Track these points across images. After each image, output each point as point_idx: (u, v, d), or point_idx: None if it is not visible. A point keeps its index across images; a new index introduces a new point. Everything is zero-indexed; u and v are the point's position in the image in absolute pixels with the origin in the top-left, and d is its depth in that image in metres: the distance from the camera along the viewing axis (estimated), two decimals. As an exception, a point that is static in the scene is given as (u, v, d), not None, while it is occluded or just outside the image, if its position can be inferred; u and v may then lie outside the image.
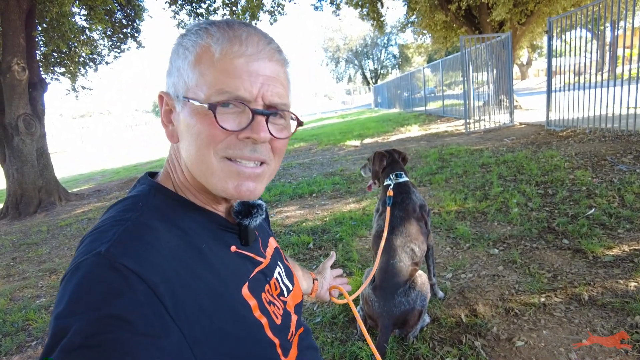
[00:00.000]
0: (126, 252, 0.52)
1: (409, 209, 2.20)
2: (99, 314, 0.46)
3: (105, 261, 0.50)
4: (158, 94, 0.68)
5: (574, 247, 2.85)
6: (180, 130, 0.65)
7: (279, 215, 4.75)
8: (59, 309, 0.48)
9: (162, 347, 0.48)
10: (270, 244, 0.87)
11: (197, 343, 0.54)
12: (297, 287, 0.91)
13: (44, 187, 7.76)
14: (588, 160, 4.80)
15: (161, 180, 0.71)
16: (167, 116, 0.68)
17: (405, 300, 1.94)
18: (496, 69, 9.47)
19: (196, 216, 0.67)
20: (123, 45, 11.30)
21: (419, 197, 2.31)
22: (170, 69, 0.66)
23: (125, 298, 0.48)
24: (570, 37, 6.90)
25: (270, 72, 0.63)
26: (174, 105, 0.66)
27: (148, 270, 0.52)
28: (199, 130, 0.61)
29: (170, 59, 0.66)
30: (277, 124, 0.67)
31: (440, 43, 15.12)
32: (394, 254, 2.06)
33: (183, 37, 0.65)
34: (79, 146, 35.31)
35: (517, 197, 3.94)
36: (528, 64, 35.09)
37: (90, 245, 0.54)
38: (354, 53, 45.60)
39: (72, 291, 0.48)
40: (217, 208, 0.73)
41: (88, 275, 0.49)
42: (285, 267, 0.90)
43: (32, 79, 7.54)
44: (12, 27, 6.92)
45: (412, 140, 9.23)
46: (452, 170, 5.52)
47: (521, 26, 11.85)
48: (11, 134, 7.25)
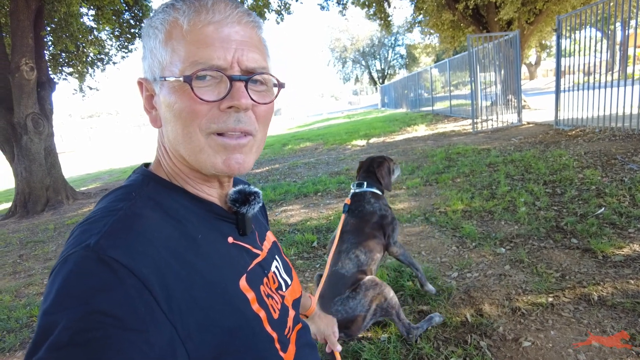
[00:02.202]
0: (116, 244, 0.51)
1: (361, 217, 2.18)
2: (87, 310, 0.44)
3: (94, 254, 0.49)
4: (137, 81, 0.66)
5: (583, 246, 2.79)
6: (163, 112, 0.63)
7: (283, 214, 4.73)
8: (46, 304, 0.47)
9: (153, 343, 0.47)
10: (267, 238, 0.85)
11: (190, 337, 0.52)
12: (296, 282, 0.89)
13: (51, 186, 7.82)
14: (597, 159, 4.72)
15: (154, 169, 0.69)
16: (148, 102, 0.66)
17: (343, 309, 1.86)
18: (504, 68, 9.37)
19: (191, 205, 0.65)
20: (130, 45, 11.35)
21: (378, 207, 2.23)
22: (144, 53, 0.64)
23: (114, 293, 0.46)
24: (579, 36, 6.80)
25: (242, 36, 0.61)
26: (152, 89, 0.64)
27: (139, 263, 0.50)
28: (180, 108, 0.59)
29: (143, 43, 0.65)
30: (258, 90, 0.64)
31: (447, 43, 15.02)
32: (337, 261, 2.02)
33: (152, 18, 0.63)
34: (88, 146, 35.66)
35: (524, 196, 3.88)
36: (537, 64, 34.73)
37: (79, 237, 0.52)
38: (360, 53, 45.47)
39: (59, 286, 0.47)
40: (211, 194, 0.70)
41: (76, 269, 0.48)
42: (284, 261, 0.87)
43: (40, 79, 7.61)
44: (20, 27, 6.98)
45: (418, 140, 9.17)
46: (458, 169, 5.47)
47: (529, 25, 11.73)
48: (20, 133, 7.32)
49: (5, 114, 7.35)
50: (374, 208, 2.23)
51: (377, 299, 1.91)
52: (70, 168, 16.30)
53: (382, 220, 2.20)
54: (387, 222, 2.22)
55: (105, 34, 10.84)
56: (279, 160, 9.35)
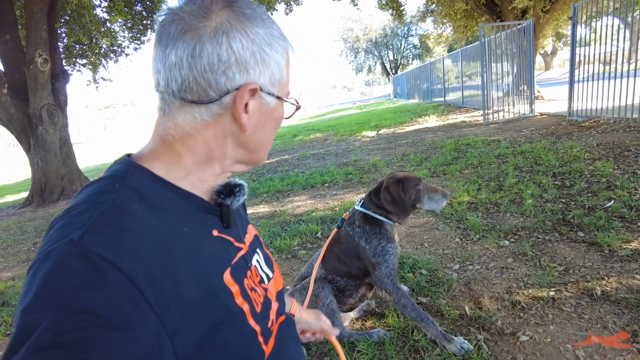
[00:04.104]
0: (101, 239, 0.49)
1: (339, 240, 2.01)
2: (69, 310, 0.43)
3: (78, 250, 0.47)
4: (251, 87, 0.62)
5: (589, 240, 2.74)
6: (257, 120, 0.68)
7: (289, 205, 4.75)
8: (26, 302, 0.45)
9: (139, 341, 0.46)
10: (249, 231, 0.84)
11: (176, 332, 0.52)
12: (277, 274, 0.89)
13: (66, 176, 7.99)
14: (610, 151, 4.61)
15: (144, 160, 0.65)
16: (245, 107, 0.64)
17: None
18: (517, 58, 9.18)
19: (176, 197, 0.63)
20: (143, 37, 11.44)
21: (359, 234, 1.95)
22: (263, 57, 0.64)
23: (98, 291, 0.45)
24: (597, 24, 6.60)
25: None
26: (258, 96, 0.65)
27: (125, 259, 0.49)
28: (278, 123, 0.72)
29: (260, 46, 0.63)
30: None
31: (460, 32, 14.75)
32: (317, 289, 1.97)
33: (271, 34, 0.66)
34: (103, 136, 36.18)
35: (532, 189, 3.82)
36: (553, 54, 33.91)
37: (62, 231, 0.51)
38: (373, 43, 44.92)
39: (41, 283, 0.46)
40: (204, 187, 0.69)
41: (59, 266, 0.46)
42: (265, 254, 0.87)
43: (54, 70, 7.73)
44: (34, 19, 7.08)
45: (428, 131, 9.07)
46: (467, 160, 5.40)
47: (545, 14, 11.41)
48: (35, 123, 7.47)
49: (21, 105, 7.51)
50: (354, 233, 1.95)
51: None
52: (85, 158, 16.58)
53: (358, 251, 1.93)
54: (366, 256, 1.92)
55: (118, 25, 10.92)
56: (289, 151, 9.37)
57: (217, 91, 0.61)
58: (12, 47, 7.45)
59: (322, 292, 1.93)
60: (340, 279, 2.00)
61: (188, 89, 0.60)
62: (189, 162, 0.65)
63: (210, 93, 0.61)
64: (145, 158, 0.65)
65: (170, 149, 0.65)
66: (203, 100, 0.61)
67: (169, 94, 0.62)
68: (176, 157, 0.65)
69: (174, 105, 0.63)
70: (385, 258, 1.88)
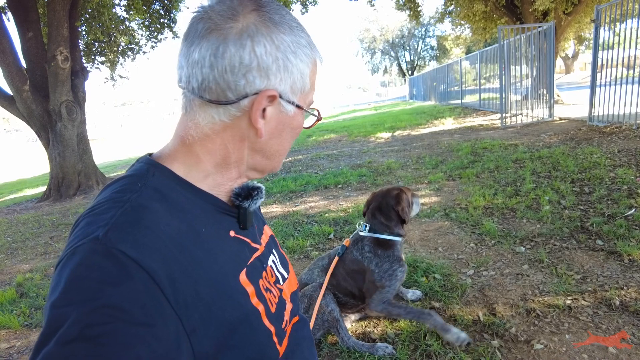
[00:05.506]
0: (124, 237, 0.50)
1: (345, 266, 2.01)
2: (95, 304, 0.45)
3: (102, 247, 0.49)
4: (270, 94, 0.62)
5: (608, 248, 2.68)
6: (275, 127, 0.67)
7: (302, 205, 4.75)
8: (54, 297, 0.47)
9: (160, 337, 0.47)
10: (265, 232, 0.85)
11: (194, 331, 0.53)
12: (292, 275, 0.89)
13: (83, 171, 8.14)
14: (632, 157, 4.49)
15: (165, 160, 0.66)
16: (262, 112, 0.64)
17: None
18: (537, 61, 9.02)
19: (195, 198, 0.64)
20: (160, 35, 11.59)
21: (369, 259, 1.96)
22: (286, 65, 0.62)
23: (122, 287, 0.47)
24: (621, 27, 6.44)
25: None
26: (278, 103, 0.64)
27: (147, 257, 0.50)
28: (297, 132, 0.72)
29: (285, 53, 0.62)
30: None
31: (479, 34, 14.57)
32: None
33: (298, 42, 0.64)
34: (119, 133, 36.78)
35: (549, 194, 3.74)
36: (574, 57, 33.24)
37: (86, 229, 0.52)
38: (390, 44, 44.75)
39: (68, 279, 0.47)
40: (221, 190, 0.69)
41: (84, 262, 0.48)
42: (280, 255, 0.87)
43: (74, 68, 7.89)
44: (57, 17, 7.23)
45: (445, 134, 8.98)
46: (483, 164, 5.33)
47: (567, 16, 11.19)
48: (54, 119, 7.64)
49: (42, 101, 7.68)
50: (363, 258, 1.96)
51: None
52: (102, 154, 16.89)
53: (365, 275, 1.96)
54: (371, 279, 1.93)
55: (136, 24, 11.10)
56: (302, 152, 9.38)
57: (236, 93, 0.60)
58: (35, 44, 7.62)
59: (324, 300, 1.94)
60: (342, 296, 2.04)
61: (207, 88, 0.60)
62: (207, 165, 0.66)
63: (228, 94, 0.60)
64: (166, 158, 0.66)
65: (190, 151, 0.65)
66: (221, 101, 0.61)
67: (189, 91, 0.63)
68: (195, 159, 0.65)
69: (195, 103, 0.63)
70: (390, 282, 1.92)
